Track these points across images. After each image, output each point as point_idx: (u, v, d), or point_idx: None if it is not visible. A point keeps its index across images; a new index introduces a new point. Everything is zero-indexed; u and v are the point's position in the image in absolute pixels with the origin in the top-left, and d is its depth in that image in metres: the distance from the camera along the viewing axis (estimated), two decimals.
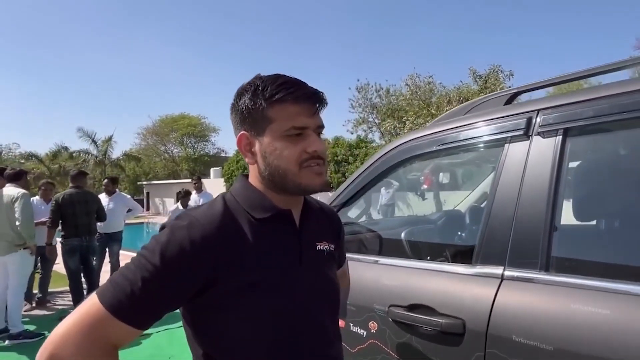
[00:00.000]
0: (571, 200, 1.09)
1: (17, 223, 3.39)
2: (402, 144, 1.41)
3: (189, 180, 10.67)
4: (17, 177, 3.64)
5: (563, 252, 0.97)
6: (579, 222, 1.12)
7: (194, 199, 5.90)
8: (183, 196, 5.85)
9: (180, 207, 5.91)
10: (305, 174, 0.70)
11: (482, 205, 2.16)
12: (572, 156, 1.00)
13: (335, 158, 17.41)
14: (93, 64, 55.87)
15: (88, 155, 25.15)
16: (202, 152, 33.73)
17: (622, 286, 0.81)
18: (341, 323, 1.31)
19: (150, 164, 33.37)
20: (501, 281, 0.97)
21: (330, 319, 0.79)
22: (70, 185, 4.14)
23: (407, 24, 48.75)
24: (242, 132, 0.73)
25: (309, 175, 0.71)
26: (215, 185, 20.74)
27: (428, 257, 1.34)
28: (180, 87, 58.62)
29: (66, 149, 25.70)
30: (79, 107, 55.01)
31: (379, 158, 1.46)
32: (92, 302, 0.62)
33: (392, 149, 1.42)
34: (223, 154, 33.47)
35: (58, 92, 56.21)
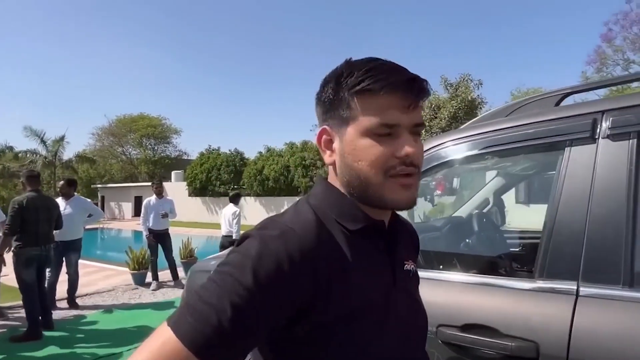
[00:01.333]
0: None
1: None
2: (435, 146, 1.30)
3: (149, 183, 10.04)
4: None
5: None
6: None
7: (155, 206, 5.51)
8: (157, 186, 5.62)
9: (154, 199, 5.51)
10: (390, 186, 0.56)
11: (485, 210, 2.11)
12: None
13: (303, 162, 17.31)
14: (41, 58, 52.18)
15: (36, 155, 23.29)
16: (162, 154, 32.34)
17: None
18: None
19: (105, 166, 31.54)
20: (576, 297, 0.88)
21: (422, 348, 0.67)
22: (29, 189, 3.67)
23: (379, 31, 49.84)
24: (323, 126, 0.61)
25: (394, 187, 0.56)
26: (176, 188, 19.92)
27: (472, 269, 1.24)
28: (140, 87, 56.09)
29: (11, 148, 23.67)
30: (28, 107, 51.06)
31: None
32: (165, 337, 0.46)
33: (427, 150, 1.31)
34: (185, 157, 32.30)
35: (3, 88, 51.84)
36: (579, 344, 0.83)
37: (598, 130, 0.97)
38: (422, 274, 1.21)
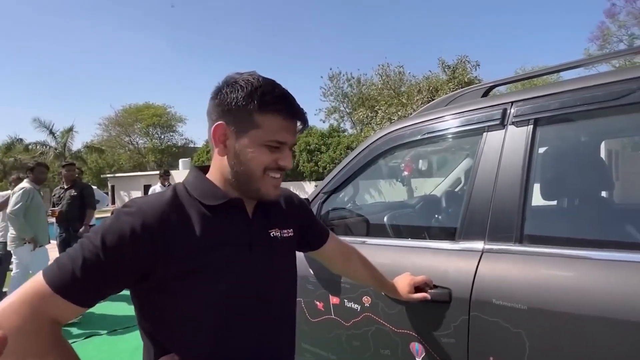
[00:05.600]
0: (540, 182, 1.24)
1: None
2: (387, 133, 1.51)
3: (157, 172, 10.39)
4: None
5: (534, 226, 1.11)
6: (546, 201, 1.27)
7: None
8: (163, 175, 6.06)
9: (159, 187, 5.86)
10: (266, 182, 0.78)
11: (457, 189, 2.33)
12: (541, 143, 1.14)
13: (308, 147, 17.46)
14: (48, 51, 52.41)
15: (46, 147, 23.80)
16: (169, 143, 32.72)
17: (581, 252, 0.96)
18: (336, 300, 1.42)
19: (114, 156, 32.06)
20: (482, 253, 1.10)
21: (283, 302, 0.85)
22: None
23: (378, 14, 48.96)
24: (221, 122, 0.75)
25: (269, 184, 0.78)
26: (185, 176, 20.11)
27: (415, 236, 1.47)
28: (144, 76, 56.26)
29: (21, 140, 24.18)
30: (35, 97, 51.64)
31: (365, 147, 1.56)
32: (36, 279, 0.65)
33: (378, 138, 1.52)
34: (192, 145, 32.65)
35: (12, 81, 52.39)
36: (478, 286, 1.05)
37: (507, 118, 1.17)
38: (379, 241, 1.45)
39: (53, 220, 4.24)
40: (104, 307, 3.98)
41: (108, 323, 3.69)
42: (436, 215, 1.94)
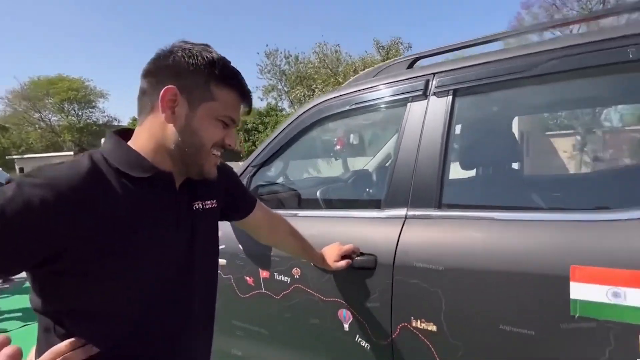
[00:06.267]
0: (458, 152, 1.31)
1: None
2: (316, 104, 1.49)
3: (72, 153, 9.40)
4: None
5: (451, 193, 1.17)
6: (463, 170, 1.36)
7: None
8: (78, 153, 5.37)
9: None
10: (210, 159, 0.75)
11: (387, 163, 2.41)
12: (459, 114, 1.19)
13: (245, 126, 16.99)
14: None
15: None
16: (88, 120, 29.68)
17: (489, 214, 1.03)
18: (266, 274, 1.40)
19: (21, 135, 28.36)
20: (405, 220, 1.14)
21: (205, 278, 0.82)
22: None
23: None
24: (171, 86, 0.69)
25: (212, 162, 0.76)
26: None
27: (343, 207, 1.49)
28: (56, 46, 49.78)
29: None
30: None
31: (295, 119, 1.53)
32: None
33: (307, 109, 1.50)
34: (116, 122, 30.01)
35: None
36: (401, 251, 1.10)
37: (429, 89, 1.20)
38: (311, 212, 1.45)
39: None
40: (11, 302, 3.56)
41: (19, 318, 3.32)
42: (366, 188, 1.99)
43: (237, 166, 1.69)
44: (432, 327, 1.03)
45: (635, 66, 0.91)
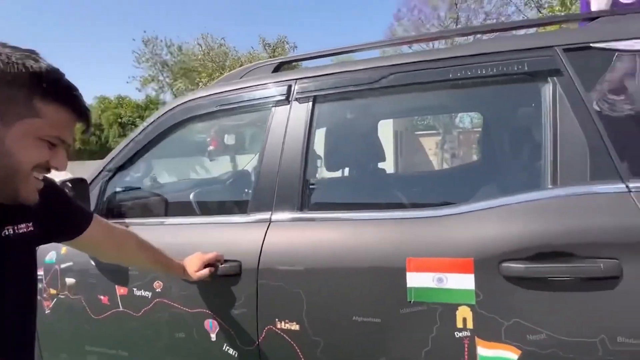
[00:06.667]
0: (321, 155, 1.38)
1: None
2: (182, 103, 1.40)
3: None
4: None
5: (313, 195, 1.22)
6: (326, 172, 1.43)
7: None
8: None
9: None
10: (30, 183, 0.65)
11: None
12: (319, 119, 1.25)
13: (120, 120, 15.19)
14: None
15: None
16: None
17: (346, 214, 1.11)
18: (123, 290, 1.26)
19: None
20: (269, 223, 1.15)
21: (16, 323, 0.71)
22: None
23: None
24: None
25: (32, 186, 0.66)
26: None
27: (211, 213, 1.43)
28: None
29: None
30: None
31: (157, 118, 1.41)
32: None
33: (172, 108, 1.40)
34: None
35: None
36: (265, 255, 1.10)
37: (291, 94, 1.24)
38: (178, 220, 1.35)
39: None
40: None
41: None
42: (236, 191, 1.96)
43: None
44: (295, 327, 1.06)
45: (454, 84, 1.09)
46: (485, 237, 0.92)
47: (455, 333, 0.93)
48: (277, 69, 1.39)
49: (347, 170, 1.57)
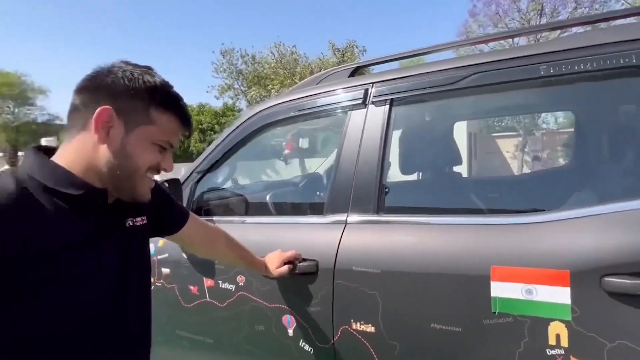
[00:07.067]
0: (397, 158, 1.37)
1: None
2: (262, 110, 1.49)
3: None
4: None
5: (389, 198, 1.22)
6: (402, 175, 1.42)
7: None
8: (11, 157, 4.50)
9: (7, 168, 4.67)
10: (144, 183, 0.74)
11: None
12: (396, 122, 1.25)
13: (200, 126, 16.50)
14: None
15: None
16: (25, 119, 27.36)
17: (424, 219, 1.09)
18: (210, 282, 1.37)
19: None
20: (345, 225, 1.18)
21: (139, 303, 0.79)
22: None
23: None
24: (107, 107, 0.66)
25: (146, 185, 0.75)
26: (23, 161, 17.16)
27: (287, 213, 1.50)
28: None
29: None
30: None
31: (240, 125, 1.52)
32: None
33: (253, 115, 1.49)
34: (58, 122, 27.89)
35: None
36: (341, 256, 1.13)
37: (368, 98, 1.25)
38: (258, 219, 1.44)
39: None
40: None
41: None
42: (312, 192, 2.02)
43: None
44: (370, 329, 1.06)
45: (545, 81, 1.01)
46: (585, 248, 0.84)
47: (547, 350, 0.86)
48: (353, 73, 1.41)
49: (422, 173, 1.54)
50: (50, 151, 0.72)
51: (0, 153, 18.02)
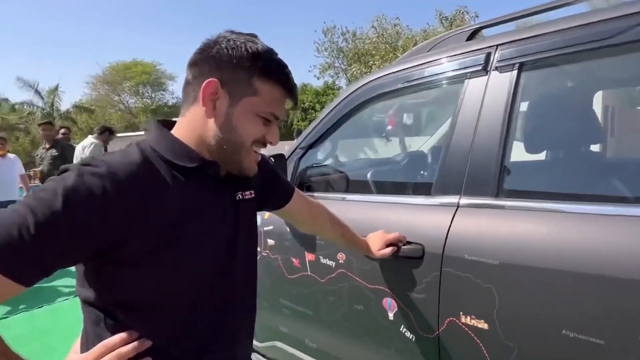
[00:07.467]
0: (523, 134, 1.17)
1: None
2: (366, 83, 1.41)
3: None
4: None
5: (513, 180, 1.05)
6: (527, 154, 1.21)
7: None
8: (102, 132, 4.48)
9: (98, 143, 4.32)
10: (250, 156, 0.72)
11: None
12: (525, 91, 1.05)
13: (302, 105, 17.10)
14: (27, 7, 49.42)
15: (33, 107, 23.14)
16: (160, 102, 31.86)
17: (555, 205, 0.91)
18: (311, 256, 1.39)
19: (104, 116, 31.31)
20: (457, 208, 1.05)
21: (246, 271, 0.81)
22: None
23: None
24: (214, 79, 0.66)
25: (252, 158, 0.73)
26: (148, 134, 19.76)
27: (388, 192, 1.42)
28: (131, 33, 53.61)
29: (6, 100, 23.48)
30: (17, 56, 49.44)
31: (344, 98, 1.47)
32: None
33: (357, 88, 1.43)
34: None
35: None
36: (451, 242, 1.02)
37: (490, 63, 1.07)
38: (358, 197, 1.41)
39: (37, 182, 4.15)
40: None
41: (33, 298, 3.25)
42: (417, 171, 1.89)
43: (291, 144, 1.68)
44: (483, 325, 0.95)
45: None
46: None
47: None
48: (472, 36, 1.24)
49: (554, 151, 1.29)
50: (172, 125, 0.76)
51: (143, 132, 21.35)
